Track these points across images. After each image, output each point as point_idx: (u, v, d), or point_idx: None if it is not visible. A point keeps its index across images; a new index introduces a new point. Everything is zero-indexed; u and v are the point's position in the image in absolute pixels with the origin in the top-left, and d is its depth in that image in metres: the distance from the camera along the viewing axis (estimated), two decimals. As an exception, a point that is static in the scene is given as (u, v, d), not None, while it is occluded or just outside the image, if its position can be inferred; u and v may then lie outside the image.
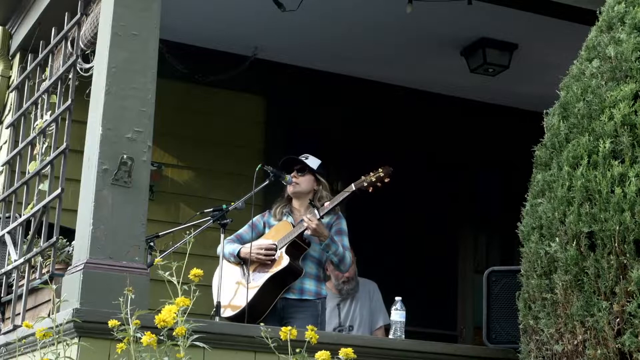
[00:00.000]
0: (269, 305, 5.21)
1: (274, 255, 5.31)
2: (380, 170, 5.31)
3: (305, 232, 5.27)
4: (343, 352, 3.49)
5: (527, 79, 7.52)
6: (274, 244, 5.36)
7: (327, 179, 5.66)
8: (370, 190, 5.28)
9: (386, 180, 5.27)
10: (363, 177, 5.32)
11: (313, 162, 5.54)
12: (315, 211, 5.29)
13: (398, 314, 5.07)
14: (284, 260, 5.27)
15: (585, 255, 3.92)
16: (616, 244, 3.81)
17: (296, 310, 5.26)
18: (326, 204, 5.35)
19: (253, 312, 5.08)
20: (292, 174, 5.49)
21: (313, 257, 5.36)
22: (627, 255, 3.78)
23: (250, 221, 5.54)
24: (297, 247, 5.31)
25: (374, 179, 5.28)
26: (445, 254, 8.15)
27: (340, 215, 5.49)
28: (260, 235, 5.54)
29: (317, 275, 5.38)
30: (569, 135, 4.19)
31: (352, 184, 5.34)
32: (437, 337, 6.29)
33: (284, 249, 5.29)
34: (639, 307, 3.71)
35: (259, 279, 5.29)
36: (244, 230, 5.54)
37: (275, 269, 5.27)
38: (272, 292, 5.25)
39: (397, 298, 5.13)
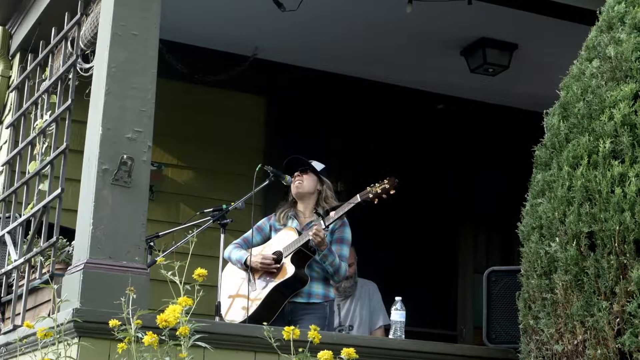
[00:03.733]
0: (276, 312, 5.20)
1: (279, 264, 5.30)
2: (385, 181, 5.28)
3: (310, 241, 5.26)
4: (345, 352, 3.50)
5: (527, 79, 7.52)
6: (280, 252, 5.35)
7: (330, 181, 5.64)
8: (375, 202, 5.26)
9: (392, 192, 5.25)
10: (368, 188, 5.28)
11: (316, 165, 5.54)
12: (321, 221, 5.27)
13: (398, 314, 5.07)
14: (289, 270, 5.25)
15: (585, 255, 3.92)
16: (616, 244, 3.81)
17: (304, 314, 5.24)
18: (332, 213, 5.31)
19: (259, 319, 5.06)
20: (296, 174, 5.48)
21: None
22: (627, 255, 3.79)
23: (256, 225, 5.53)
24: (302, 255, 5.29)
25: (379, 191, 5.25)
26: (445, 254, 8.15)
27: (345, 222, 5.45)
28: (267, 238, 5.53)
29: (324, 278, 5.36)
30: (569, 135, 4.19)
31: (358, 195, 5.29)
32: (437, 337, 6.28)
33: (289, 258, 5.28)
34: (639, 307, 3.71)
35: (265, 288, 5.27)
36: (250, 234, 5.52)
37: (280, 279, 5.26)
38: (277, 300, 5.24)
39: (397, 298, 5.13)
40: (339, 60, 7.48)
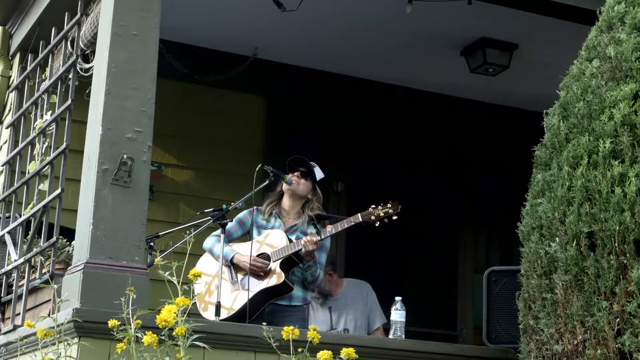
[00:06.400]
0: (256, 312, 5.22)
1: (267, 267, 5.31)
2: (389, 206, 5.32)
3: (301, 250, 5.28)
4: (345, 352, 3.50)
5: (527, 79, 7.52)
6: (267, 255, 5.36)
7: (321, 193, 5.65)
8: (376, 225, 5.28)
9: (394, 217, 5.29)
10: (371, 209, 5.32)
11: (317, 172, 5.55)
12: (317, 236, 5.29)
13: (398, 314, 5.07)
14: (279, 276, 5.27)
15: (585, 255, 3.92)
16: (616, 244, 3.81)
17: (284, 315, 5.27)
18: (329, 227, 5.34)
19: (241, 317, 5.09)
20: (295, 173, 5.49)
21: None
22: (627, 255, 3.79)
23: (237, 217, 5.54)
24: (290, 261, 5.32)
25: (381, 214, 5.28)
26: (445, 254, 8.15)
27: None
28: (246, 232, 5.54)
29: (302, 282, 5.40)
30: (569, 135, 4.20)
31: (359, 215, 5.33)
32: (437, 337, 6.29)
33: (278, 263, 5.30)
34: (639, 307, 3.71)
35: (251, 287, 5.27)
36: (232, 227, 5.52)
37: (270, 283, 5.27)
38: (261, 302, 5.27)
39: (397, 298, 5.12)
40: (339, 60, 7.48)
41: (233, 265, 5.38)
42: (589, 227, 3.91)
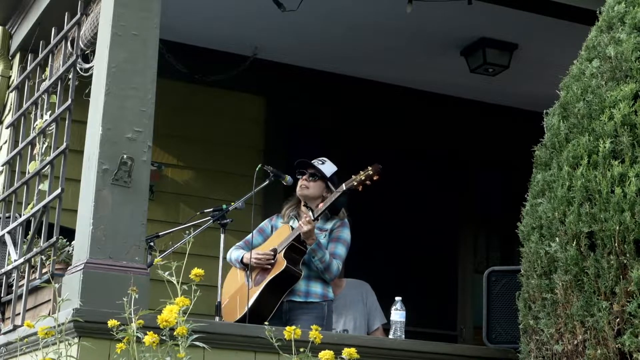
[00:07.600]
0: (272, 309, 5.19)
1: (272, 259, 5.30)
2: (369, 168, 5.36)
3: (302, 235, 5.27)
4: (347, 352, 3.50)
5: (527, 79, 7.52)
6: (274, 249, 5.36)
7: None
8: (360, 189, 5.32)
9: (375, 178, 5.34)
10: (353, 177, 5.36)
11: (329, 168, 5.50)
12: (310, 213, 5.28)
13: (398, 314, 5.07)
14: (282, 264, 5.26)
15: (585, 255, 3.92)
16: (616, 244, 3.82)
17: (301, 313, 5.24)
18: (320, 205, 5.35)
19: (255, 316, 5.06)
20: (304, 177, 5.47)
21: None
22: (627, 255, 3.79)
23: (259, 226, 5.55)
24: (296, 250, 5.29)
25: (363, 178, 5.33)
26: (445, 254, 8.16)
27: (345, 223, 5.45)
28: (267, 239, 5.54)
29: (320, 276, 5.36)
30: (569, 135, 4.20)
31: (343, 184, 5.36)
32: (437, 337, 6.29)
33: (282, 253, 5.29)
34: (639, 307, 3.72)
35: (259, 283, 5.28)
36: (252, 235, 5.52)
37: (273, 274, 5.27)
38: (272, 296, 5.24)
39: (397, 298, 5.12)
40: (339, 60, 7.48)
41: (246, 266, 5.37)
42: (589, 227, 3.91)
